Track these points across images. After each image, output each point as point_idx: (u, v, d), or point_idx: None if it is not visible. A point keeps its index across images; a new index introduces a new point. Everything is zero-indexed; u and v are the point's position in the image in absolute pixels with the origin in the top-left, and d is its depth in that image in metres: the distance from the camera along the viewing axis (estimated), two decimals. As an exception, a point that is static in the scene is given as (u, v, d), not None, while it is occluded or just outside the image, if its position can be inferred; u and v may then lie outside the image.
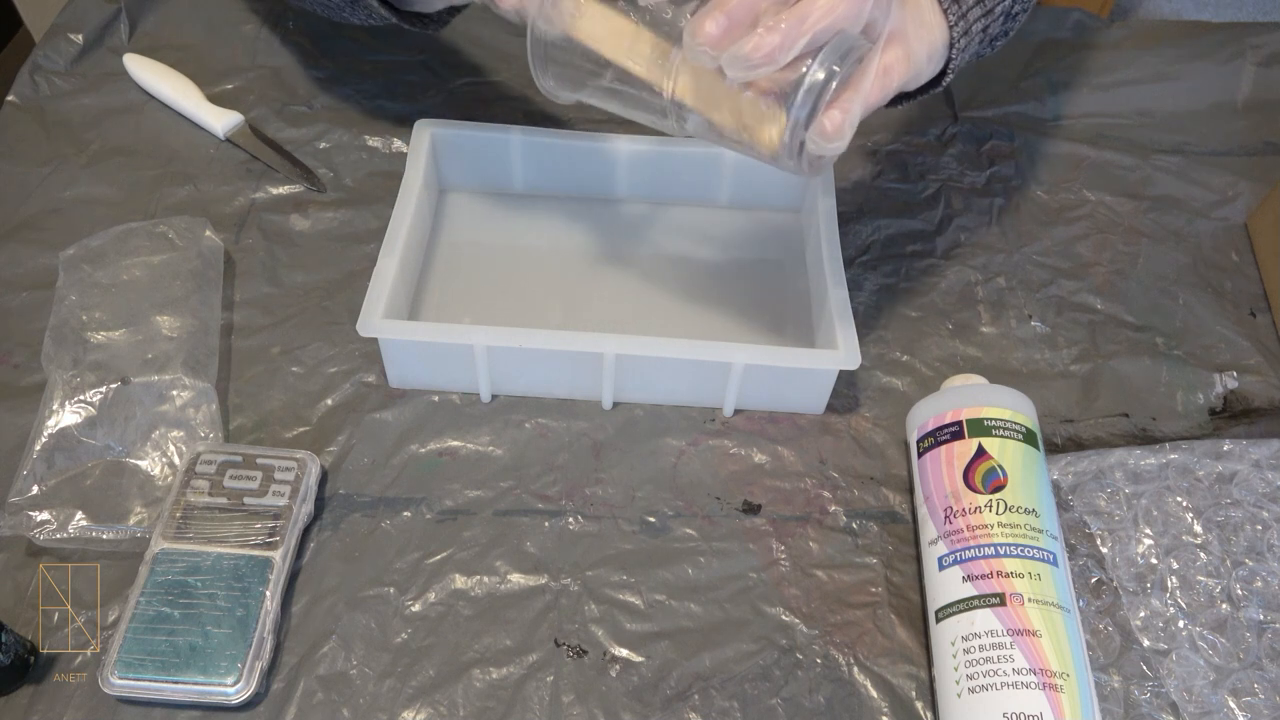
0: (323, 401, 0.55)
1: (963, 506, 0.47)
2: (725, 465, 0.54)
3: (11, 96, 0.69)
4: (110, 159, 0.66)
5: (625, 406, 0.56)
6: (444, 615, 0.48)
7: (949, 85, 0.74)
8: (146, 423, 0.51)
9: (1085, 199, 0.69)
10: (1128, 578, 0.50)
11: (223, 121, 0.67)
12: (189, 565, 0.46)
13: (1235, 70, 0.77)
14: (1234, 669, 0.47)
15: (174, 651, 0.44)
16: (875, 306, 0.62)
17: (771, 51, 0.40)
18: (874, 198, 0.67)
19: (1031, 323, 0.62)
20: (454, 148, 0.62)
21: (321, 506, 0.51)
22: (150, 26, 0.74)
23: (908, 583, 0.50)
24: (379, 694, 0.45)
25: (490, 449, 0.54)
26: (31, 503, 0.48)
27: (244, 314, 0.59)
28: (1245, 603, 0.49)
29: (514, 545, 0.51)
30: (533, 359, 0.53)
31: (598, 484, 0.53)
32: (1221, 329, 0.62)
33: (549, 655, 0.47)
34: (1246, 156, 0.72)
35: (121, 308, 0.54)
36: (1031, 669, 0.42)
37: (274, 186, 0.65)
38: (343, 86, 0.71)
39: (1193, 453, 0.54)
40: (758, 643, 0.48)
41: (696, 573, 0.50)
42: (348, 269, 0.61)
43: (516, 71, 0.73)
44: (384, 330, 0.51)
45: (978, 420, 0.49)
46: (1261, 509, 0.52)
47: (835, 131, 0.41)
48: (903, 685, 0.47)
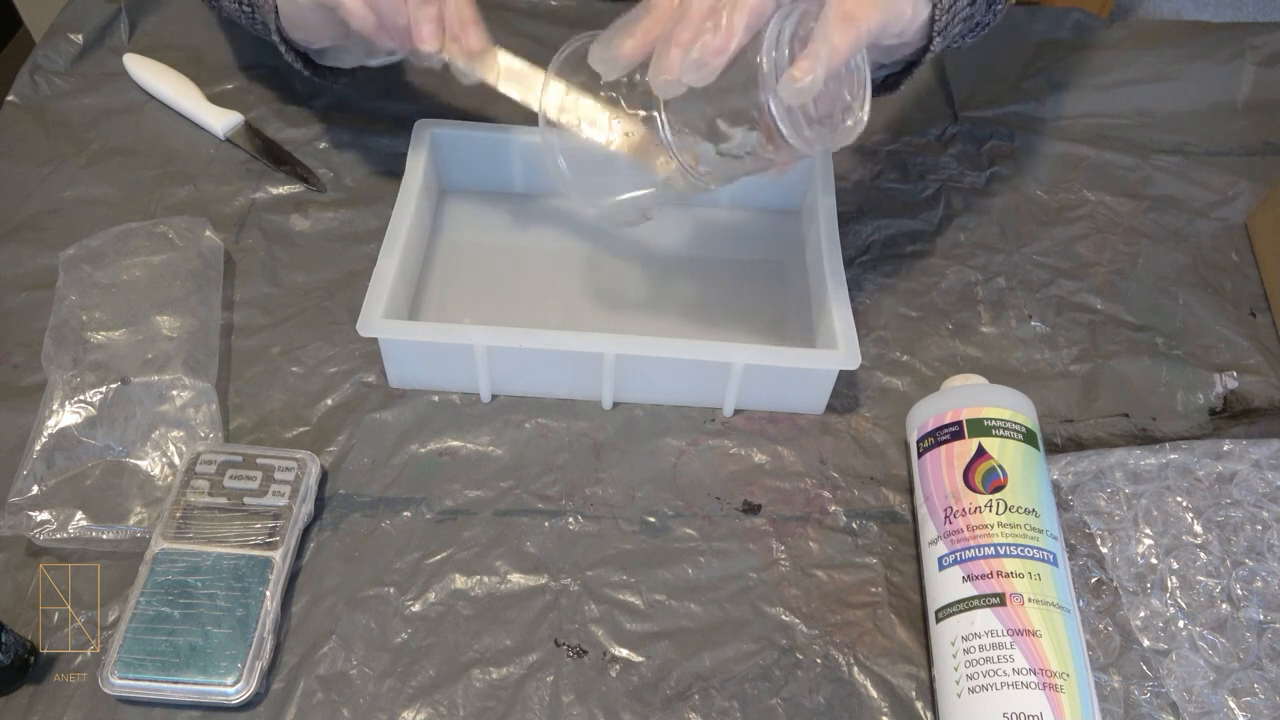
0: (323, 401, 0.55)
1: (963, 506, 0.47)
2: (725, 465, 0.54)
3: (11, 96, 0.69)
4: (110, 159, 0.66)
5: (625, 406, 0.56)
6: (444, 615, 0.48)
7: (949, 85, 0.74)
8: (146, 423, 0.51)
9: (1085, 199, 0.69)
10: (1128, 578, 0.50)
11: (223, 121, 0.67)
12: (189, 565, 0.46)
13: (1235, 70, 0.77)
14: (1234, 669, 0.47)
15: (174, 651, 0.44)
16: (875, 306, 0.62)
17: (719, 46, 0.42)
18: (874, 198, 0.67)
19: (1031, 323, 0.62)
20: (454, 148, 0.62)
21: (321, 506, 0.51)
22: (150, 26, 0.74)
23: (908, 583, 0.50)
24: (379, 694, 0.45)
25: (490, 449, 0.54)
26: (31, 503, 0.48)
27: (244, 314, 0.59)
28: (1245, 603, 0.49)
29: (514, 545, 0.51)
30: (533, 359, 0.53)
31: (598, 484, 0.53)
32: (1221, 329, 0.62)
33: (549, 655, 0.47)
34: (1246, 156, 0.72)
35: (121, 308, 0.54)
36: (1031, 669, 0.42)
37: (274, 186, 0.65)
38: (343, 87, 0.71)
39: (1193, 453, 0.54)
40: (758, 643, 0.48)
41: (696, 573, 0.50)
42: (348, 269, 0.61)
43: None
44: (384, 330, 0.51)
45: (978, 420, 0.49)
46: (1261, 509, 0.52)
47: (802, 74, 0.42)
48: (903, 685, 0.47)
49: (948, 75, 0.75)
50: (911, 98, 0.73)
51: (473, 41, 0.52)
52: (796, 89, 0.42)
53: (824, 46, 0.43)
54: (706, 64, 0.43)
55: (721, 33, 0.42)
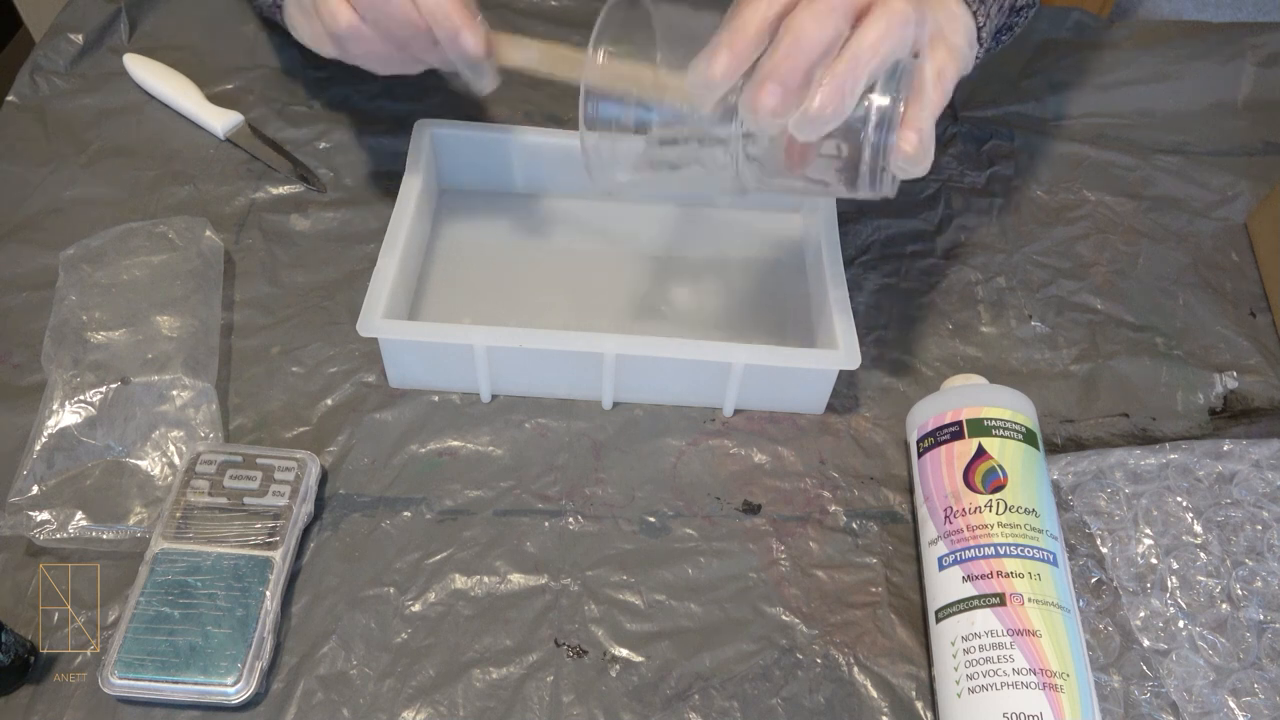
0: (323, 401, 0.55)
1: (963, 506, 0.47)
2: (725, 465, 0.54)
3: (11, 96, 0.69)
4: (110, 159, 0.66)
5: (625, 406, 0.56)
6: (444, 615, 0.48)
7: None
8: (146, 423, 0.51)
9: (1085, 199, 0.69)
10: (1128, 578, 0.50)
11: (223, 121, 0.67)
12: (189, 565, 0.46)
13: (1235, 70, 0.77)
14: (1234, 669, 0.47)
15: (174, 651, 0.44)
16: (875, 306, 0.62)
17: (838, 106, 0.40)
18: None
19: (1031, 323, 0.62)
20: (454, 148, 0.62)
21: (321, 506, 0.51)
22: (150, 26, 0.74)
23: (908, 583, 0.50)
24: (379, 694, 0.45)
25: (490, 449, 0.54)
26: (31, 503, 0.48)
27: (244, 314, 0.59)
28: (1245, 603, 0.49)
29: (514, 545, 0.51)
30: (533, 359, 0.53)
31: (598, 484, 0.53)
32: (1221, 329, 0.62)
33: (549, 655, 0.47)
34: (1246, 156, 0.72)
35: (121, 308, 0.54)
36: (1031, 669, 0.42)
37: (274, 186, 0.65)
38: (343, 86, 0.71)
39: (1193, 453, 0.54)
40: (758, 643, 0.48)
41: (696, 573, 0.50)
42: (348, 269, 0.61)
43: (516, 72, 0.73)
44: (384, 330, 0.51)
45: (978, 420, 0.49)
46: (1261, 509, 0.52)
47: (916, 151, 0.41)
48: (903, 685, 0.47)
49: (948, 75, 0.75)
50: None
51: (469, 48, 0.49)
52: (908, 165, 0.41)
53: (926, 112, 0.41)
54: (824, 124, 0.40)
55: (844, 93, 0.40)
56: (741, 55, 0.40)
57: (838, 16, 0.39)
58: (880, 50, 0.40)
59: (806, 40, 0.39)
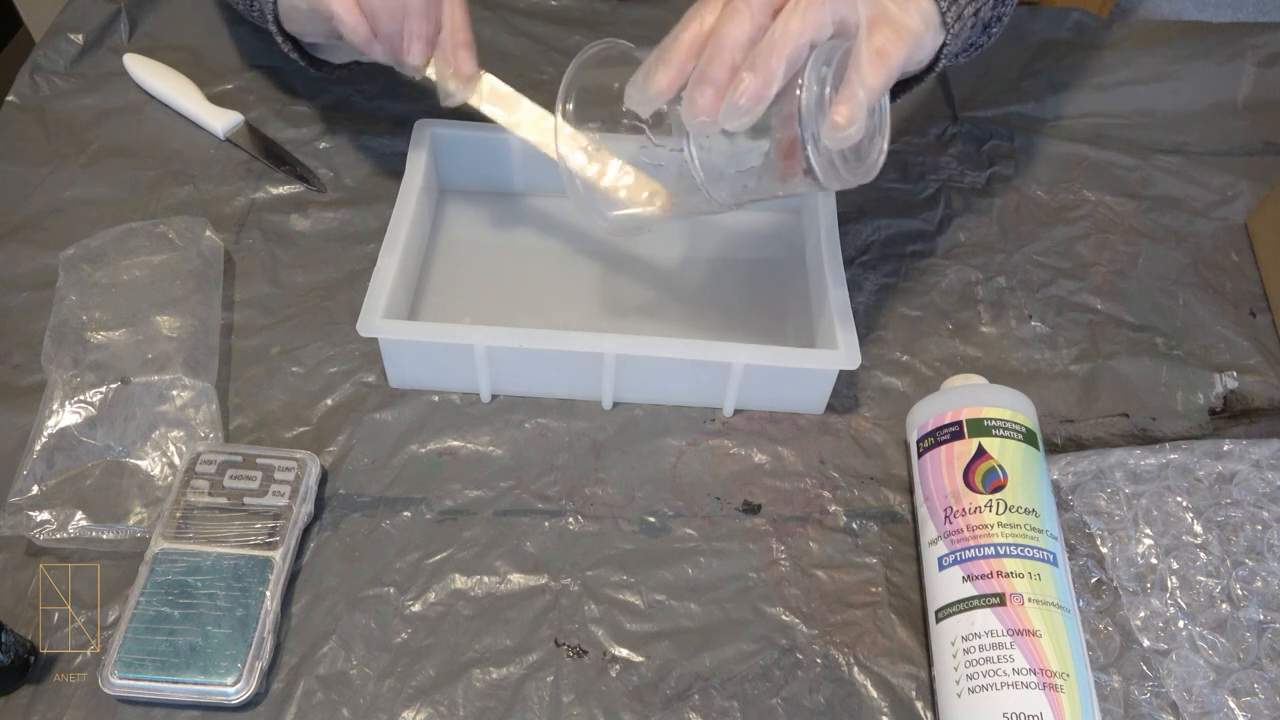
0: (323, 401, 0.55)
1: (963, 506, 0.47)
2: (725, 465, 0.54)
3: (11, 96, 0.69)
4: (110, 159, 0.66)
5: (625, 406, 0.56)
6: (444, 615, 0.48)
7: (949, 85, 0.74)
8: (146, 423, 0.51)
9: (1085, 199, 0.69)
10: (1128, 578, 0.50)
11: (223, 121, 0.67)
12: (189, 565, 0.46)
13: (1235, 70, 0.77)
14: (1234, 669, 0.47)
15: (174, 651, 0.44)
16: (875, 306, 0.62)
17: (759, 90, 0.42)
18: (874, 198, 0.67)
19: (1031, 323, 0.62)
20: (454, 148, 0.62)
21: (321, 506, 0.51)
22: (150, 26, 0.74)
23: (908, 583, 0.50)
24: (379, 694, 0.45)
25: (490, 449, 0.54)
26: (31, 503, 0.48)
27: (244, 314, 0.59)
28: (1245, 603, 0.49)
29: (514, 545, 0.51)
30: (533, 359, 0.53)
31: (598, 484, 0.53)
32: (1221, 329, 0.62)
33: (549, 655, 0.47)
34: (1246, 156, 0.72)
35: (121, 308, 0.54)
36: (1031, 669, 0.42)
37: (274, 186, 0.65)
38: (343, 86, 0.71)
39: (1193, 453, 0.54)
40: (758, 643, 0.48)
41: (696, 573, 0.50)
42: (348, 269, 0.61)
43: (516, 72, 0.73)
44: (384, 330, 0.51)
45: (978, 420, 0.49)
46: (1261, 509, 0.52)
47: (846, 121, 0.42)
48: (903, 685, 0.47)
49: (948, 75, 0.75)
50: (911, 98, 0.73)
51: (464, 65, 0.53)
52: (840, 136, 0.42)
53: (861, 88, 0.42)
54: (748, 110, 0.42)
55: (760, 78, 0.41)
56: (675, 66, 0.44)
57: (755, 12, 0.42)
58: (794, 32, 0.42)
59: (728, 39, 0.42)
